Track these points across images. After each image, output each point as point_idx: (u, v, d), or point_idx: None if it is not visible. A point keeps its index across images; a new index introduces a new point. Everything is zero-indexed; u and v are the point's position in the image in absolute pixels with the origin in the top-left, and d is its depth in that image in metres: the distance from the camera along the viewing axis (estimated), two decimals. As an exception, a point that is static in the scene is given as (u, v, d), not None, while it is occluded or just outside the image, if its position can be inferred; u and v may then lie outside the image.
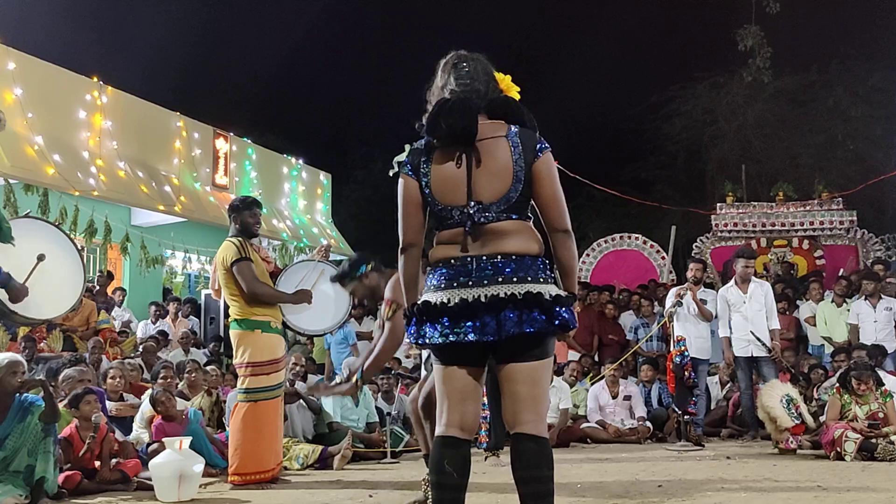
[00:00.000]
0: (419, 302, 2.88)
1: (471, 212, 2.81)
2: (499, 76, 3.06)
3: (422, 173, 2.90)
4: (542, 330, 2.75)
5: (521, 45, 23.89)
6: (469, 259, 2.82)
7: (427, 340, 2.83)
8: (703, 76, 20.10)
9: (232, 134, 13.69)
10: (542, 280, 2.81)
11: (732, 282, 8.45)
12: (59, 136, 10.21)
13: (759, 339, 8.06)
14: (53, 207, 10.00)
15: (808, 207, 13.05)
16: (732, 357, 8.31)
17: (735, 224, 13.07)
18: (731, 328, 8.30)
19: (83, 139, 10.62)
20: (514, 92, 3.05)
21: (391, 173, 3.29)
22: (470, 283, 2.79)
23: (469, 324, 2.76)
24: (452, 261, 2.85)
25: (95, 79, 10.94)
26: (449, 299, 2.79)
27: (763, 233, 13.01)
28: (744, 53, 18.69)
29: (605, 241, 13.84)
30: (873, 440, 6.59)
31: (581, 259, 13.90)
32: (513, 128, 2.87)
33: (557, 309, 2.76)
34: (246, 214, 5.70)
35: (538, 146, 2.86)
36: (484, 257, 2.81)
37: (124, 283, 11.97)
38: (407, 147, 3.11)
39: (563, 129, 19.00)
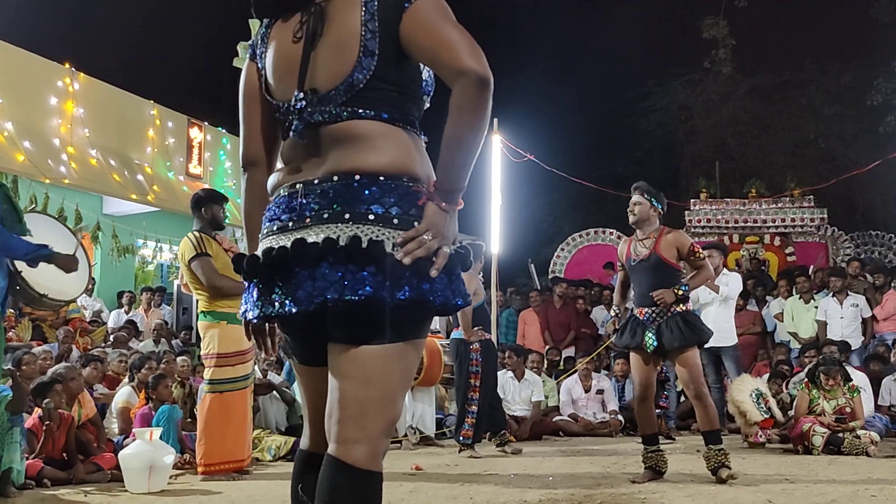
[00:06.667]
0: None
1: (299, 106, 1.92)
2: None
3: (258, 54, 2.06)
4: (373, 299, 1.78)
5: (496, 37, 23.89)
6: (297, 187, 1.93)
7: (246, 316, 2.01)
8: (680, 73, 20.26)
9: (206, 123, 13.57)
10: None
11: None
12: (30, 122, 10.06)
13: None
14: (23, 195, 9.85)
15: (780, 205, 13.22)
16: None
17: (708, 220, 13.20)
18: None
19: (54, 126, 10.48)
20: None
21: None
22: (290, 224, 1.90)
23: (278, 288, 1.88)
24: (281, 190, 1.98)
25: (67, 65, 10.79)
26: (265, 251, 1.93)
27: (735, 229, 13.15)
28: (708, 41, 18.82)
29: (580, 236, 13.95)
30: (840, 434, 6.70)
31: (556, 254, 13.97)
32: None
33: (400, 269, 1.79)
34: (216, 208, 5.71)
35: None
36: (315, 182, 1.90)
37: (95, 272, 11.81)
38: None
39: (539, 124, 19.01)
